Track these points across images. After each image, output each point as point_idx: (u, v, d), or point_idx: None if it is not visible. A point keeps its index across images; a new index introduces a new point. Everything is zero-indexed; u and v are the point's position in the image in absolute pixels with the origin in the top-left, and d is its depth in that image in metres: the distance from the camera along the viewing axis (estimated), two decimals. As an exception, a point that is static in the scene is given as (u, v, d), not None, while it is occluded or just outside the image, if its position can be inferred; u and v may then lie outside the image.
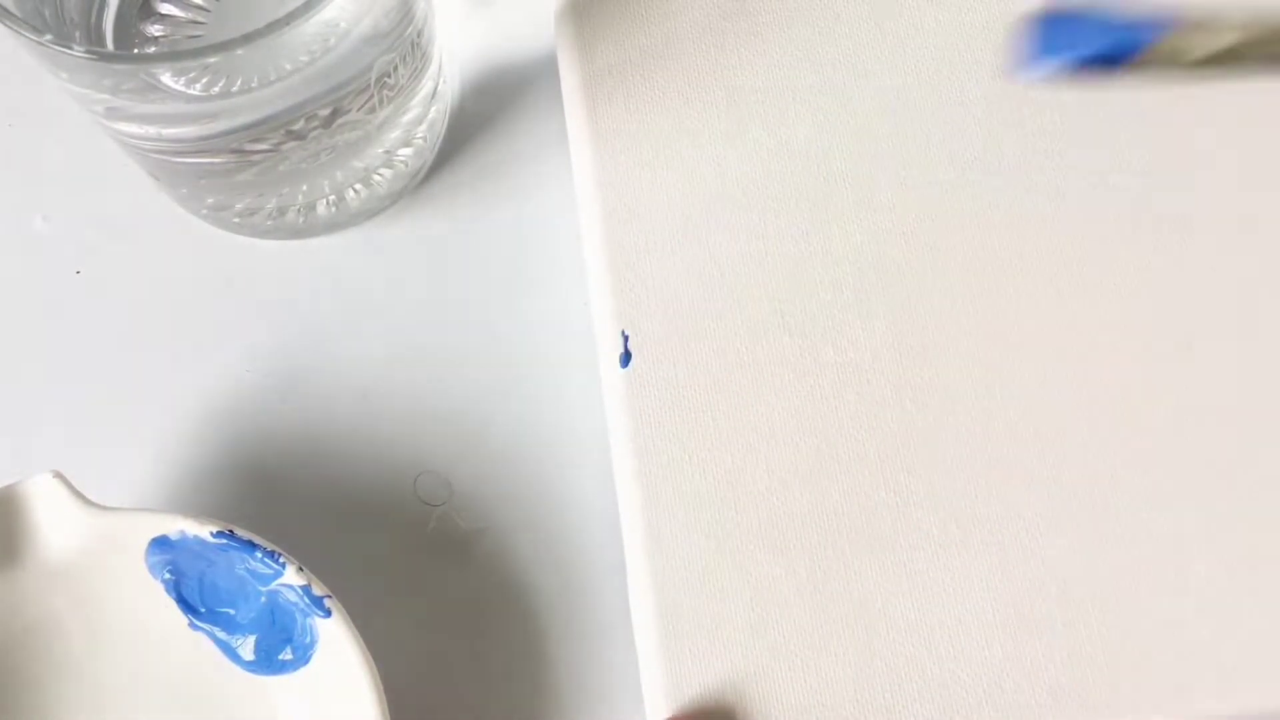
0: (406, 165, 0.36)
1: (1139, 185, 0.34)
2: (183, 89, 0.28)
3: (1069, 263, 0.33)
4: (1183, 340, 0.33)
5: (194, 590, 0.32)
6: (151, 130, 0.30)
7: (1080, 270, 0.33)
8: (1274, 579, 0.31)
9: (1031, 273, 0.33)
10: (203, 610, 0.32)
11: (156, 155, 0.31)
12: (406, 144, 0.35)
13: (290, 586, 0.31)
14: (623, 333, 0.33)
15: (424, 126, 0.36)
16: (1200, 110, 0.35)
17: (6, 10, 0.26)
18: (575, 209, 0.36)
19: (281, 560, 0.31)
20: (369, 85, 0.31)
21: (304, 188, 0.34)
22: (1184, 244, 0.33)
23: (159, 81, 0.28)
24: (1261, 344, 0.33)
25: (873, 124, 0.35)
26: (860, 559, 0.32)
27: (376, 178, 0.35)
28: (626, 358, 0.33)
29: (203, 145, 0.31)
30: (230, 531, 0.31)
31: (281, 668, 0.31)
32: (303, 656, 0.31)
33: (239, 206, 0.34)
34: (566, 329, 0.36)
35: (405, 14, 0.31)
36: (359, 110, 0.31)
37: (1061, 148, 0.34)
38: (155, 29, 0.32)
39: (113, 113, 0.29)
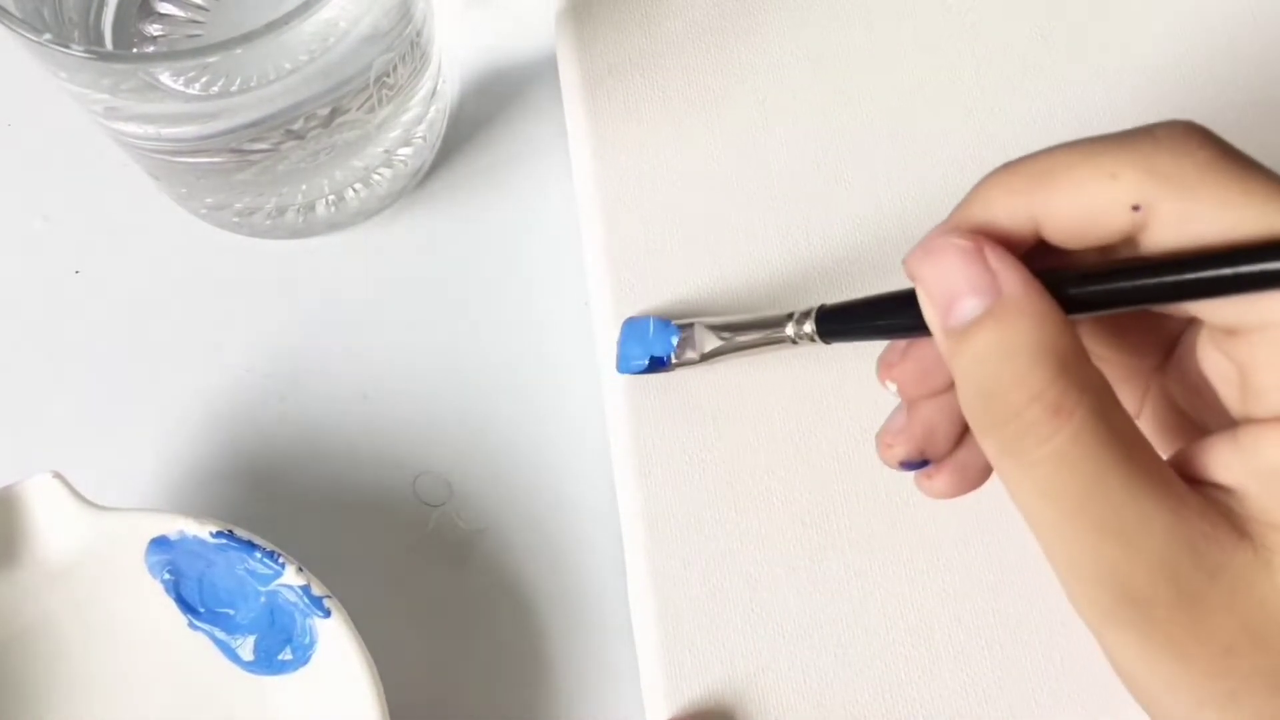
0: (406, 165, 0.36)
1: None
2: (182, 89, 0.28)
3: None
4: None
5: (193, 590, 0.32)
6: (151, 130, 0.30)
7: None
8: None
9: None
10: (202, 610, 0.32)
11: (156, 155, 0.31)
12: (406, 143, 0.35)
13: (290, 587, 0.31)
14: (622, 332, 0.33)
15: (423, 126, 0.36)
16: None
17: (6, 10, 0.26)
18: (575, 209, 0.36)
19: (281, 560, 0.31)
20: (368, 85, 0.31)
21: (303, 187, 0.34)
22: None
23: (158, 81, 0.28)
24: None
25: (872, 124, 0.35)
26: (860, 560, 0.31)
27: (376, 177, 0.35)
28: (626, 357, 0.33)
29: (202, 145, 0.31)
30: (230, 531, 0.31)
31: (281, 668, 0.31)
32: (302, 657, 0.31)
33: (238, 206, 0.34)
34: (566, 329, 0.36)
35: (405, 14, 0.31)
36: (358, 110, 0.31)
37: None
38: (154, 28, 0.32)
39: (112, 112, 0.29)
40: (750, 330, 0.30)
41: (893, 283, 0.33)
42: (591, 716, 0.33)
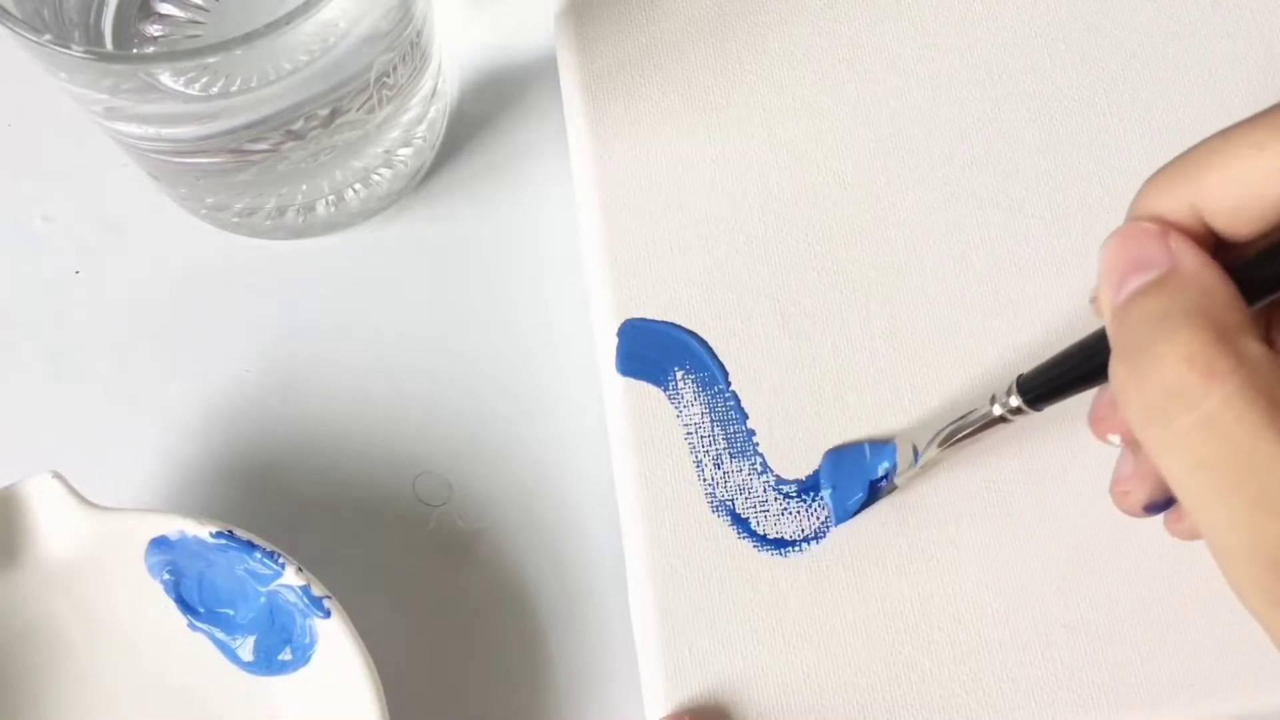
0: (406, 165, 0.36)
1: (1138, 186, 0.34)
2: (182, 89, 0.28)
3: (1071, 263, 0.33)
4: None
5: (193, 590, 0.32)
6: (151, 130, 0.30)
7: (1084, 271, 0.33)
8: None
9: (1033, 272, 0.33)
10: (202, 611, 0.32)
11: (156, 155, 0.31)
12: (406, 144, 0.35)
13: (290, 587, 0.31)
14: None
15: (423, 126, 0.36)
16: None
17: (6, 10, 0.26)
18: (575, 209, 0.36)
19: (281, 560, 0.31)
20: (368, 85, 0.31)
21: (303, 188, 0.34)
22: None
23: (158, 81, 0.28)
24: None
25: (872, 124, 0.35)
26: (860, 559, 0.32)
27: (376, 177, 0.35)
28: (626, 358, 0.33)
29: (202, 145, 0.31)
30: (230, 532, 0.31)
31: (281, 668, 0.31)
32: (302, 657, 0.31)
33: (238, 206, 0.34)
34: (566, 329, 0.36)
35: (405, 14, 0.31)
36: (358, 110, 0.31)
37: (1062, 147, 0.34)
38: (154, 29, 0.32)
39: (112, 113, 0.29)
40: (964, 429, 0.29)
41: (893, 281, 0.34)
42: (591, 716, 0.33)
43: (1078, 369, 0.26)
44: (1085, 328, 0.25)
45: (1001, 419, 0.28)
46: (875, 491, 0.31)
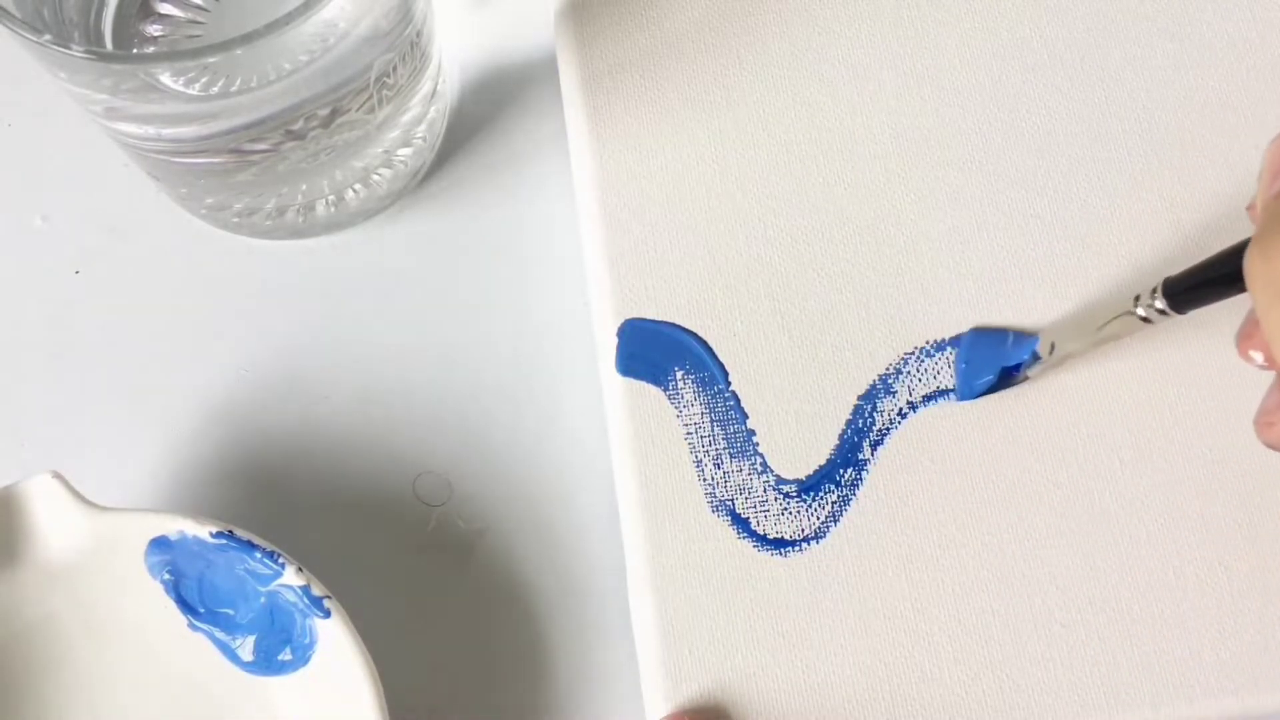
0: (406, 165, 0.36)
1: (1134, 185, 0.34)
2: (182, 89, 0.28)
3: (1073, 264, 0.33)
4: (1191, 358, 0.33)
5: (193, 591, 0.32)
6: (151, 130, 0.30)
7: (1086, 271, 0.33)
8: (1273, 579, 0.31)
9: (1033, 271, 0.33)
10: (202, 611, 0.32)
11: (156, 155, 0.31)
12: (406, 144, 0.35)
13: (289, 587, 0.31)
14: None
15: (423, 126, 0.36)
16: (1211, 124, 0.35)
17: (6, 10, 0.26)
18: (575, 209, 0.36)
19: (281, 560, 0.31)
20: (368, 85, 0.31)
21: (303, 188, 0.34)
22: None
23: (158, 81, 0.28)
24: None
25: (872, 124, 0.35)
26: (860, 559, 0.32)
27: (376, 178, 0.35)
28: (626, 358, 0.33)
29: (202, 145, 0.31)
30: (230, 532, 0.31)
31: (281, 668, 0.31)
32: (302, 657, 0.31)
33: (238, 206, 0.34)
34: (566, 329, 0.36)
35: (405, 14, 0.31)
36: (358, 110, 0.31)
37: (1062, 147, 0.34)
38: (154, 29, 0.32)
39: (112, 113, 0.29)
40: (1106, 330, 0.30)
41: (893, 281, 0.34)
42: (591, 716, 0.33)
43: (1224, 266, 0.26)
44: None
45: (1145, 320, 0.29)
46: (1006, 378, 0.32)
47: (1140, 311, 0.29)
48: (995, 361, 0.32)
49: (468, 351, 0.36)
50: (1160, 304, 0.28)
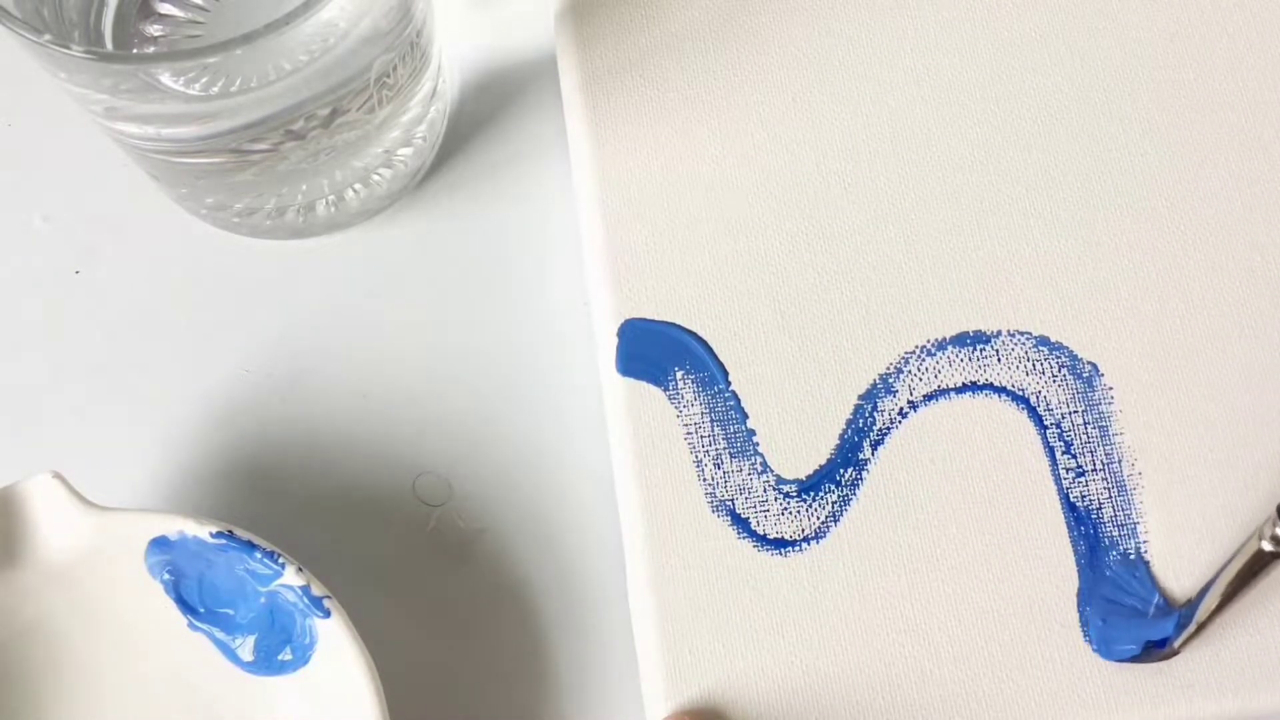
0: (406, 165, 0.36)
1: (1134, 185, 0.34)
2: (182, 89, 0.28)
3: (1073, 264, 0.33)
4: (1198, 344, 0.33)
5: (193, 591, 0.32)
6: (151, 130, 0.30)
7: (1086, 271, 0.33)
8: (1272, 579, 0.31)
9: (1033, 272, 0.33)
10: (202, 611, 0.32)
11: (156, 155, 0.31)
12: (406, 144, 0.35)
13: (289, 587, 0.31)
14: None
15: (423, 126, 0.36)
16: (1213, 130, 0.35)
17: (6, 10, 0.26)
18: (575, 209, 0.36)
19: (281, 560, 0.31)
20: (368, 85, 0.31)
21: (303, 188, 0.34)
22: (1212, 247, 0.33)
23: (158, 81, 0.28)
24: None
25: (872, 123, 0.35)
26: (860, 559, 0.31)
27: (376, 178, 0.35)
28: (626, 358, 0.33)
29: (202, 145, 0.31)
30: (230, 532, 0.31)
31: (281, 668, 0.31)
32: (302, 657, 0.31)
33: (238, 206, 0.34)
34: (566, 329, 0.36)
35: (405, 14, 0.31)
36: (358, 110, 0.31)
37: (1062, 147, 0.34)
38: (154, 29, 0.32)
39: (112, 113, 0.29)
40: (1237, 582, 0.29)
41: (893, 280, 0.34)
42: (591, 716, 0.33)
43: None
44: (1086, 328, 0.25)
45: (1275, 556, 0.28)
46: (1149, 652, 0.30)
47: (1267, 547, 0.28)
48: (1137, 633, 0.30)
49: (468, 351, 0.36)
50: None
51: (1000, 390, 0.32)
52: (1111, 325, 0.33)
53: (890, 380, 0.33)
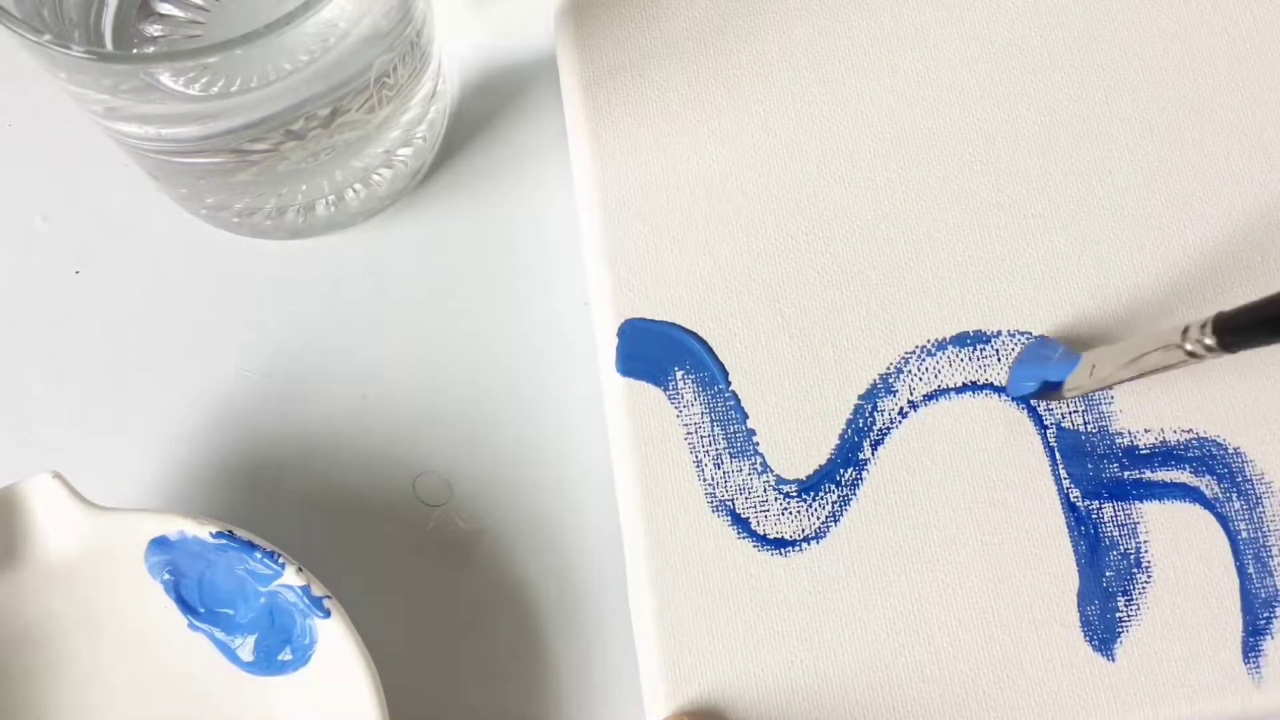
0: (406, 165, 0.36)
1: (1134, 185, 0.34)
2: (182, 89, 0.28)
3: (1073, 264, 0.33)
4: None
5: (193, 591, 0.32)
6: (151, 130, 0.30)
7: (1087, 272, 0.33)
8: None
9: (1033, 271, 0.33)
10: (202, 611, 0.32)
11: (156, 155, 0.31)
12: (406, 144, 0.35)
13: (289, 587, 0.31)
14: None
15: (423, 126, 0.36)
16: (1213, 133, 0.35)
17: (6, 10, 0.26)
18: (575, 209, 0.36)
19: (281, 560, 0.31)
20: (368, 85, 0.31)
21: (303, 188, 0.34)
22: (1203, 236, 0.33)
23: (158, 81, 0.28)
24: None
25: (872, 124, 0.35)
26: (860, 559, 0.32)
27: (376, 178, 0.35)
28: (626, 358, 0.33)
29: (202, 145, 0.31)
30: (230, 532, 0.31)
31: (281, 668, 0.31)
32: (302, 657, 0.31)
33: (238, 206, 0.34)
34: (566, 329, 0.36)
35: (404, 14, 0.31)
36: (358, 110, 0.31)
37: (1062, 147, 0.34)
38: (154, 29, 0.32)
39: (112, 113, 0.29)
40: (1149, 362, 0.29)
41: (893, 281, 0.34)
42: (591, 716, 0.33)
43: None
44: (1093, 325, 0.25)
45: (1191, 354, 0.28)
46: (1046, 390, 0.31)
47: (1188, 346, 0.28)
48: (1040, 374, 0.32)
49: (468, 351, 0.36)
50: (1210, 340, 0.27)
51: (1000, 390, 0.32)
52: (1111, 325, 0.33)
53: (890, 380, 0.33)
